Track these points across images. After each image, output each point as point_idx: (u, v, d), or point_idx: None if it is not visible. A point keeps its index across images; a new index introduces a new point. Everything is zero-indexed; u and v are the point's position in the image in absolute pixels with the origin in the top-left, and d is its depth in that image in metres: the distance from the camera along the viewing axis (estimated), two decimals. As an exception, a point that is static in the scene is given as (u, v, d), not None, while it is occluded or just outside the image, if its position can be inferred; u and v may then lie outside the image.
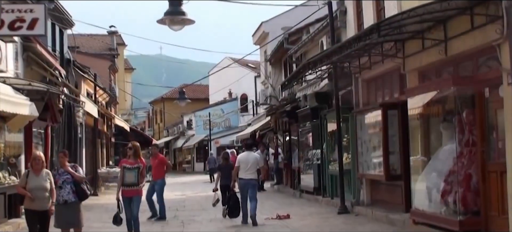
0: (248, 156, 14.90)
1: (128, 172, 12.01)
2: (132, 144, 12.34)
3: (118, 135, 39.10)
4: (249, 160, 14.74)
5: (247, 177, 14.59)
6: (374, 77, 15.58)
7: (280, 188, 27.51)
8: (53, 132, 19.66)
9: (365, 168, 15.71)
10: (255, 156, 15.56)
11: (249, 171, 14.62)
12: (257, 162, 15.09)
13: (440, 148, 11.52)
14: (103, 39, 43.32)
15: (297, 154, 24.41)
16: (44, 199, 10.00)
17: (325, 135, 19.52)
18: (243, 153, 15.54)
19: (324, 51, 12.50)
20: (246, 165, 14.61)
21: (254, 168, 14.72)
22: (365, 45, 11.72)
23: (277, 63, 28.96)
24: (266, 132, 34.65)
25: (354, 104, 16.82)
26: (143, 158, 12.53)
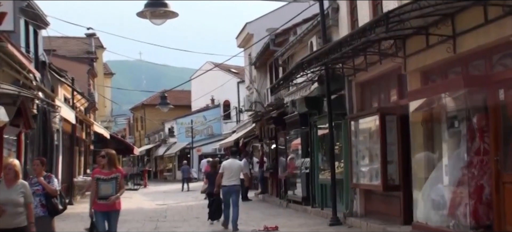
0: (232, 163, 15.21)
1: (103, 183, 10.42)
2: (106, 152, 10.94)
3: (98, 142, 37.84)
4: (233, 167, 15.05)
5: (231, 183, 14.89)
6: (369, 80, 14.63)
7: (266, 198, 26.49)
8: (26, 139, 18.49)
9: (359, 177, 14.74)
10: (239, 163, 15.82)
11: (233, 178, 14.97)
12: (241, 169, 15.58)
13: (446, 157, 10.58)
14: (81, 42, 41.99)
15: (285, 162, 23.41)
16: (14, 215, 8.16)
17: (315, 142, 18.54)
18: (228, 160, 15.90)
19: (321, 49, 11.51)
20: (230, 172, 14.92)
21: (237, 174, 15.13)
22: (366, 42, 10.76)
23: (263, 67, 27.94)
24: (250, 139, 33.63)
25: (348, 110, 15.86)
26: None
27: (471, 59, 10.05)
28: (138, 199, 28.67)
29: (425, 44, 10.84)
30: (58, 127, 24.57)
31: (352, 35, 9.57)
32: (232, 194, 14.88)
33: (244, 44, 31.89)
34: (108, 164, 10.63)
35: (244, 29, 31.32)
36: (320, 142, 18.34)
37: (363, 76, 14.56)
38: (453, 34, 9.92)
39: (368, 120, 14.19)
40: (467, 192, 9.46)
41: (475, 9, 9.23)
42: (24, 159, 18.29)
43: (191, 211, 21.68)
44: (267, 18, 29.60)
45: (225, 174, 14.93)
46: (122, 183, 10.67)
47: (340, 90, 16.55)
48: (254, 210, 21.88)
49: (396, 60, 11.98)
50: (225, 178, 14.91)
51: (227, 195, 14.96)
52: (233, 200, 14.89)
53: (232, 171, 14.95)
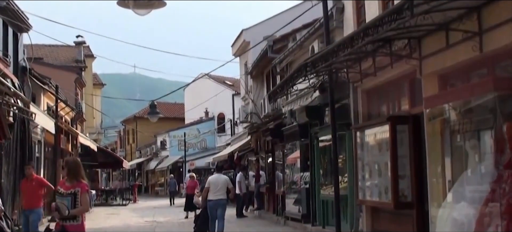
0: (218, 178, 15.86)
1: (59, 199, 8.56)
2: (66, 161, 9.26)
3: (85, 155, 36.58)
4: (218, 181, 15.68)
5: (216, 197, 15.50)
6: (377, 87, 13.46)
7: (262, 214, 25.28)
8: (1, 150, 17.27)
9: (366, 193, 13.55)
10: (224, 178, 16.28)
11: (219, 192, 15.55)
12: (227, 183, 15.93)
13: (469, 171, 9.40)
14: (69, 50, 40.86)
15: (282, 176, 22.23)
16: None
17: (316, 155, 17.37)
18: (214, 175, 16.57)
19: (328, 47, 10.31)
20: (216, 186, 15.52)
21: (223, 189, 15.66)
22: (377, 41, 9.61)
23: (259, 76, 26.77)
24: (245, 152, 32.42)
25: (353, 119, 14.69)
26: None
27: (499, 60, 8.88)
28: (126, 215, 27.40)
29: (445, 43, 9.68)
30: (39, 137, 23.35)
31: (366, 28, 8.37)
32: (218, 208, 15.56)
33: (240, 52, 30.74)
34: (68, 176, 8.81)
35: (240, 36, 30.12)
36: (321, 154, 17.17)
37: (370, 82, 13.40)
38: (479, 31, 8.76)
39: (376, 130, 13.01)
40: (498, 211, 8.26)
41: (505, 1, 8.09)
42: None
43: (182, 228, 20.48)
44: (264, 25, 28.39)
45: (211, 189, 15.54)
46: (84, 199, 8.65)
47: (344, 99, 15.41)
48: (250, 227, 20.72)
49: (411, 63, 10.82)
50: (211, 192, 15.51)
51: (214, 209, 15.59)
52: (219, 213, 15.57)
53: (218, 186, 15.54)
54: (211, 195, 15.54)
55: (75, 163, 9.05)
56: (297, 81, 12.40)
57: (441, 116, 10.22)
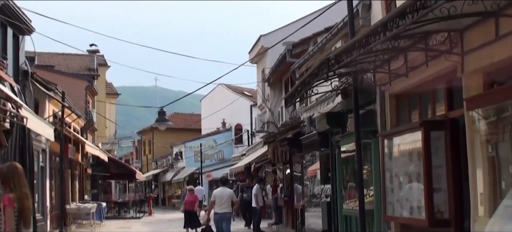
0: (223, 191, 16.00)
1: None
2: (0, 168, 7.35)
3: (97, 165, 35.44)
4: (223, 195, 15.87)
5: (222, 211, 15.73)
6: (408, 89, 11.97)
7: (280, 229, 23.82)
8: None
9: (395, 208, 12.05)
10: (229, 191, 16.52)
11: (224, 205, 15.76)
12: (232, 196, 16.20)
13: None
14: (82, 59, 39.83)
15: (301, 189, 20.79)
16: None
17: (338, 166, 15.90)
18: (218, 189, 16.49)
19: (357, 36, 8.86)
20: (221, 199, 15.76)
21: (228, 202, 15.86)
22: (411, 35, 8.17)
23: (277, 84, 25.38)
24: (263, 164, 31.00)
25: (379, 127, 13.23)
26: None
27: None
28: (137, 229, 26.11)
29: (494, 33, 8.21)
30: (44, 146, 22.13)
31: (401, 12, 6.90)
32: (224, 221, 15.76)
33: (257, 59, 29.37)
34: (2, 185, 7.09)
35: (258, 42, 28.69)
36: (343, 165, 15.71)
37: (400, 84, 11.93)
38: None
39: (407, 137, 11.54)
40: None
41: None
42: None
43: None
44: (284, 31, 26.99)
45: (216, 202, 15.82)
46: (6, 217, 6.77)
47: (370, 104, 13.98)
48: (266, 244, 19.28)
49: (451, 59, 9.34)
50: (217, 205, 15.78)
51: (219, 222, 15.79)
52: (224, 227, 15.77)
53: (223, 199, 15.78)
54: (216, 208, 15.82)
55: (9, 170, 7.11)
56: (318, 81, 10.97)
57: (486, 119, 8.76)
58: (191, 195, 23.91)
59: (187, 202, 23.58)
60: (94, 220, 26.04)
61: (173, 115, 72.35)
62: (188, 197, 23.96)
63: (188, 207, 23.33)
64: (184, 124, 66.70)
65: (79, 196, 30.52)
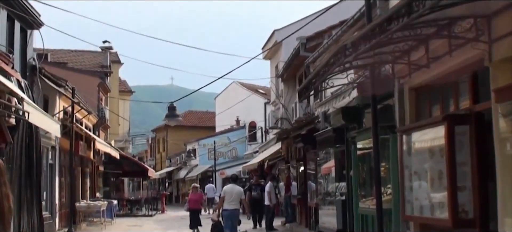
0: (232, 188, 16.46)
1: None
2: None
3: (110, 163, 34.84)
4: (233, 192, 16.30)
5: (231, 207, 16.14)
6: (429, 82, 11.18)
7: (293, 227, 23.06)
8: (2, 156, 15.37)
9: (415, 208, 11.26)
10: (238, 188, 16.87)
11: (233, 202, 16.20)
12: (241, 194, 16.66)
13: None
14: (95, 56, 39.26)
15: (315, 187, 20.04)
16: None
17: (354, 162, 15.13)
18: (228, 185, 16.97)
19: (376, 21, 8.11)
20: (230, 196, 16.17)
21: (237, 199, 16.32)
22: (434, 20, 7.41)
23: (291, 79, 24.61)
24: (276, 161, 30.25)
25: (397, 121, 12.45)
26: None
27: None
28: (148, 228, 25.42)
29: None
30: (54, 143, 21.52)
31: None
32: (233, 217, 16.19)
33: (271, 54, 28.60)
34: None
35: (272, 38, 27.89)
36: (359, 162, 14.94)
37: (420, 77, 11.16)
38: None
39: (428, 132, 10.75)
40: None
41: None
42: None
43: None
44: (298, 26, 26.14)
45: (226, 198, 16.15)
46: None
47: (388, 99, 13.21)
48: (279, 243, 18.55)
49: (478, 47, 8.56)
50: (226, 202, 16.11)
51: (228, 218, 16.16)
52: (233, 223, 16.21)
53: (232, 196, 16.19)
54: (226, 205, 16.15)
55: None
56: (333, 72, 10.22)
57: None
58: (195, 193, 22.84)
59: (191, 201, 22.41)
60: (105, 218, 25.40)
61: (188, 113, 71.83)
62: (192, 195, 22.84)
63: (192, 205, 22.17)
64: (199, 122, 66.13)
65: (90, 194, 29.93)
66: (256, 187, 24.82)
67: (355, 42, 8.36)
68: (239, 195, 16.40)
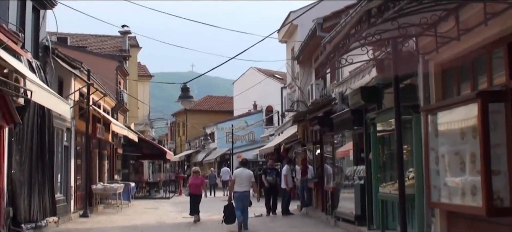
0: (242, 172, 16.81)
1: None
2: None
3: (129, 146, 33.79)
4: (243, 175, 16.67)
5: (241, 189, 16.49)
6: (457, 58, 9.89)
7: (309, 212, 21.82)
8: (11, 137, 14.31)
9: (442, 193, 9.98)
10: (248, 172, 17.02)
11: (243, 185, 16.54)
12: (250, 177, 16.74)
13: None
14: (114, 40, 38.17)
15: (332, 170, 18.80)
16: None
17: (373, 145, 13.85)
18: (239, 169, 17.63)
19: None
20: (240, 179, 16.56)
21: (247, 182, 16.59)
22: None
23: (307, 62, 23.32)
24: (292, 144, 29.02)
25: (422, 101, 11.15)
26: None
27: None
28: (164, 210, 24.30)
29: None
30: (69, 125, 20.46)
31: None
32: (243, 199, 16.46)
33: (287, 36, 27.30)
34: None
35: (288, 19, 26.51)
36: (379, 144, 13.66)
37: (448, 51, 9.87)
38: None
39: (458, 111, 9.45)
40: None
41: None
42: (8, 162, 14.09)
43: (220, 229, 17.15)
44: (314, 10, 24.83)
45: (236, 181, 16.59)
46: None
47: (410, 77, 11.93)
48: (295, 228, 17.35)
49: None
50: (237, 184, 16.53)
51: (239, 199, 16.45)
52: (244, 204, 16.51)
53: (242, 179, 16.54)
54: (236, 187, 16.52)
55: None
56: (354, 42, 8.94)
57: None
58: (196, 177, 20.55)
59: (192, 185, 20.38)
60: (121, 200, 24.35)
61: (207, 98, 70.85)
62: (193, 179, 20.62)
63: (193, 190, 20.21)
64: (217, 107, 65.12)
65: (108, 176, 28.91)
66: (271, 171, 22.41)
67: (380, 6, 7.08)
68: (249, 178, 16.62)
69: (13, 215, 14.32)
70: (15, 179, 14.43)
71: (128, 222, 19.57)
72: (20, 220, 14.47)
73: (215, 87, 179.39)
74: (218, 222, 18.04)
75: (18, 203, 14.50)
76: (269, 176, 22.08)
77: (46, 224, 16.13)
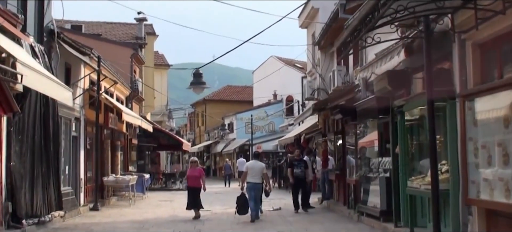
0: (255, 164, 17.19)
1: None
2: None
3: (146, 136, 32.87)
4: (255, 167, 17.01)
5: (253, 180, 16.83)
6: (499, 37, 8.69)
7: (330, 205, 20.69)
8: (10, 126, 13.35)
9: (482, 189, 8.82)
10: (260, 164, 17.32)
11: (256, 176, 16.87)
12: (262, 169, 17.09)
13: None
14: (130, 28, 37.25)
15: (354, 162, 17.64)
16: None
17: (401, 135, 12.65)
18: (251, 161, 18.04)
19: None
20: (253, 171, 16.90)
21: (259, 174, 16.92)
22: None
23: (328, 47, 22.09)
24: (313, 135, 27.86)
25: (458, 85, 9.95)
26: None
27: None
28: (179, 203, 23.21)
29: None
30: (78, 114, 19.53)
31: None
32: (255, 190, 16.80)
33: (307, 22, 26.10)
34: None
35: (308, 3, 25.28)
36: (408, 134, 12.47)
37: (489, 30, 8.69)
38: None
39: (500, 97, 8.29)
40: None
41: None
42: (6, 154, 13.15)
43: (236, 225, 16.06)
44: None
45: (249, 173, 16.92)
46: None
47: (442, 61, 10.71)
48: (315, 223, 16.21)
49: None
50: (250, 176, 16.88)
51: (251, 190, 16.75)
52: (255, 195, 16.79)
53: (254, 171, 16.89)
54: (249, 178, 16.87)
55: None
56: (382, 17, 7.79)
57: None
58: (194, 169, 18.38)
59: (190, 177, 18.35)
60: (134, 193, 23.38)
61: (227, 87, 69.82)
62: (191, 171, 18.50)
63: (191, 183, 18.20)
64: (237, 96, 64.06)
65: (123, 167, 28.01)
66: (299, 162, 19.92)
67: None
68: (261, 170, 16.95)
69: (13, 210, 13.38)
70: (14, 172, 13.48)
71: (140, 216, 18.60)
72: (20, 215, 13.52)
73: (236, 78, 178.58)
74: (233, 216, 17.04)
75: (18, 198, 13.56)
76: (297, 168, 19.68)
77: (50, 219, 15.19)
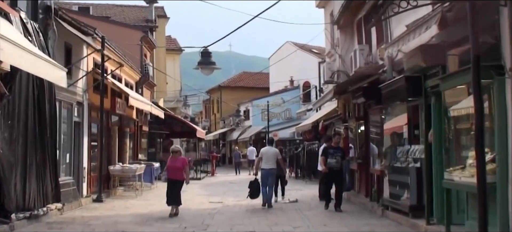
0: (268, 150, 17.36)
1: None
2: None
3: (158, 123, 31.46)
4: (269, 153, 17.19)
5: (267, 167, 17.01)
6: None
7: (351, 197, 19.14)
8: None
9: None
10: (274, 150, 17.50)
11: (269, 163, 17.03)
12: (276, 155, 17.27)
13: None
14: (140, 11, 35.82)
15: (378, 150, 16.09)
16: None
17: (436, 119, 11.08)
18: (265, 147, 18.05)
19: None
20: (267, 157, 17.08)
21: (273, 160, 17.06)
22: None
23: (348, 26, 20.42)
24: (332, 121, 26.28)
25: (509, 59, 8.37)
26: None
27: None
28: (192, 194, 21.77)
29: None
30: (80, 98, 18.17)
31: None
32: (269, 176, 16.96)
33: (325, 2, 24.48)
34: None
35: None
36: (444, 118, 10.89)
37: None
38: None
39: None
40: None
41: None
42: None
43: (247, 219, 14.58)
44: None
45: (263, 159, 17.11)
46: None
47: (487, 32, 9.11)
48: (335, 218, 14.62)
49: None
50: (263, 162, 17.06)
51: (265, 176, 16.95)
52: (269, 182, 17.00)
53: (268, 157, 17.10)
54: (263, 164, 17.06)
55: None
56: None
57: None
58: (176, 158, 15.40)
59: (170, 168, 15.41)
60: (141, 183, 21.98)
61: (242, 74, 68.31)
62: (171, 161, 15.45)
63: (171, 175, 15.34)
64: (253, 83, 62.54)
65: (132, 155, 26.65)
66: (335, 151, 16.33)
67: None
68: (274, 156, 17.14)
69: (1, 204, 12.02)
70: (3, 161, 12.11)
71: (145, 208, 17.23)
72: (9, 208, 12.16)
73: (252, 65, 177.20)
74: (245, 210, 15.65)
75: (7, 189, 12.20)
76: (332, 157, 16.21)
77: (45, 212, 13.83)
